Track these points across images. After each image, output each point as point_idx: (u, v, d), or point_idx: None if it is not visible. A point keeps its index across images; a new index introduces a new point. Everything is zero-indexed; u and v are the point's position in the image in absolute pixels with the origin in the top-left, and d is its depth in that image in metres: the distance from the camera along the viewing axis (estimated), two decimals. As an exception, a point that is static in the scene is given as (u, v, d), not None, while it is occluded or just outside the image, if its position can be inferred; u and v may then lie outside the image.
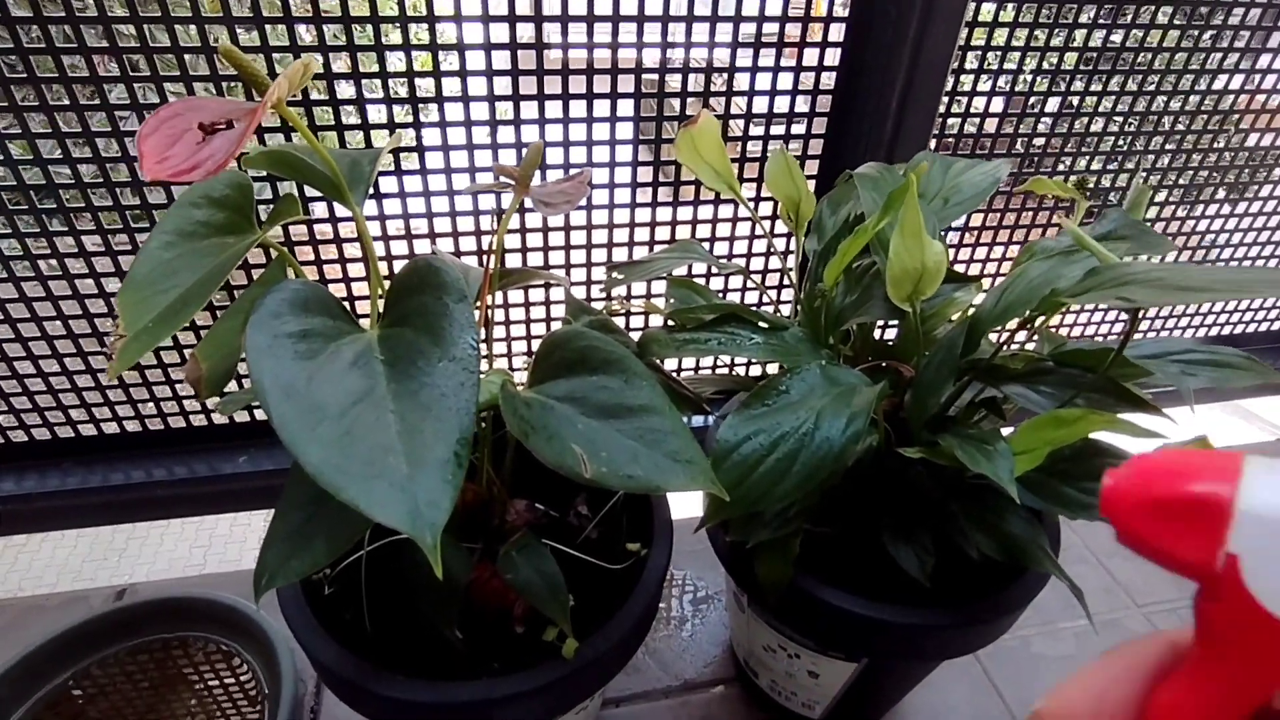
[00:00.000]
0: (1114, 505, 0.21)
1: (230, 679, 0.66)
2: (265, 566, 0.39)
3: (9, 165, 0.57)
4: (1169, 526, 0.20)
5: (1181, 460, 0.21)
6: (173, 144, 0.33)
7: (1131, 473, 0.22)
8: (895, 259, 0.42)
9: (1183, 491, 0.20)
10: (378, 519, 0.27)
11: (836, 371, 0.45)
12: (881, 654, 0.51)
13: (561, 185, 0.43)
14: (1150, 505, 0.21)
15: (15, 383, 0.68)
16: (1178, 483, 0.20)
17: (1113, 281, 0.37)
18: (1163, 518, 0.20)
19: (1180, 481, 0.20)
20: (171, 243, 0.37)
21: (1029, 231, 0.84)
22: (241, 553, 2.70)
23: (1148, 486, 0.21)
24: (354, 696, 0.44)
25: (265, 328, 0.32)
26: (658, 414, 0.39)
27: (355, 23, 0.56)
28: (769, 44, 0.64)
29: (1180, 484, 0.20)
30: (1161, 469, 0.21)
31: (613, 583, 0.51)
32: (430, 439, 0.30)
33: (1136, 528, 0.21)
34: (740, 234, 0.76)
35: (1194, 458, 0.21)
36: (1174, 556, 0.20)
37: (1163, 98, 0.76)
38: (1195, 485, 0.20)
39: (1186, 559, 0.20)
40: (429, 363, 0.32)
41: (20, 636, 0.71)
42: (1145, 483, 0.21)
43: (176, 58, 0.55)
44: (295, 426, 0.29)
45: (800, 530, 0.48)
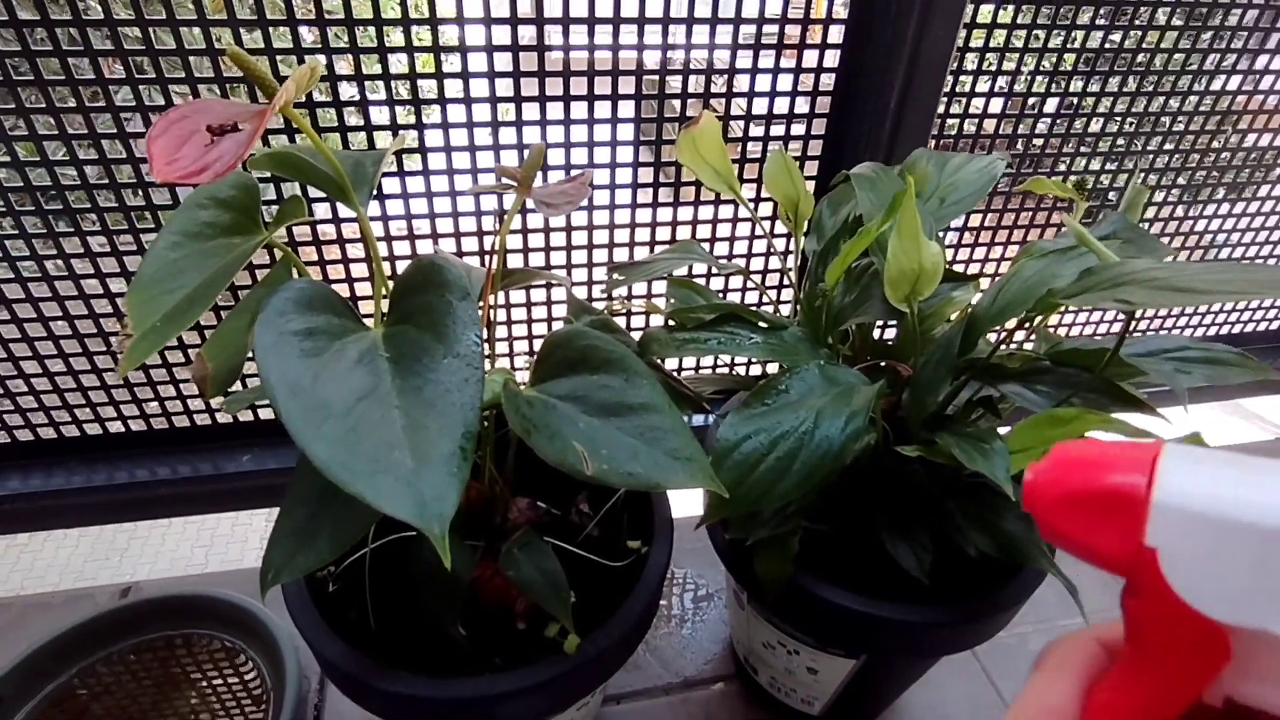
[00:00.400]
0: (1034, 499, 0.21)
1: (234, 676, 0.67)
2: (271, 563, 0.40)
3: (16, 167, 0.58)
4: (1087, 520, 0.20)
5: (1099, 452, 0.20)
6: (181, 146, 0.33)
7: (1050, 465, 0.21)
8: (893, 260, 0.42)
9: (1098, 485, 0.19)
10: (386, 511, 0.28)
11: (835, 371, 0.46)
12: (880, 650, 0.52)
13: (563, 186, 0.44)
14: (1068, 499, 0.20)
15: (21, 382, 0.68)
16: (1094, 475, 0.20)
17: (1109, 282, 0.38)
18: (1080, 512, 0.20)
19: (1096, 474, 0.20)
20: (178, 243, 0.38)
21: (1028, 232, 0.84)
22: (243, 552, 2.71)
23: (1065, 480, 0.20)
24: (358, 692, 0.45)
25: (272, 326, 0.33)
26: (658, 412, 0.39)
27: (358, 25, 0.57)
28: (769, 45, 0.64)
29: (1096, 477, 0.19)
30: (1079, 461, 0.20)
31: (614, 580, 0.51)
32: (435, 435, 0.31)
33: (1055, 522, 0.20)
34: (740, 234, 0.76)
35: (1111, 449, 0.20)
36: (1093, 551, 0.20)
37: (1161, 97, 0.77)
38: (1110, 478, 0.19)
39: (1105, 553, 0.19)
40: (433, 360, 0.33)
41: (25, 634, 0.71)
42: (1062, 476, 0.20)
43: (181, 60, 0.56)
44: (303, 423, 0.30)
45: (799, 528, 0.48)
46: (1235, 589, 0.17)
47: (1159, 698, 0.19)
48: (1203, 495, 0.18)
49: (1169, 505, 0.18)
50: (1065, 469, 0.20)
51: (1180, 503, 0.18)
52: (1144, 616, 0.19)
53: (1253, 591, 0.17)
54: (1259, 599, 0.17)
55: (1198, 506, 0.17)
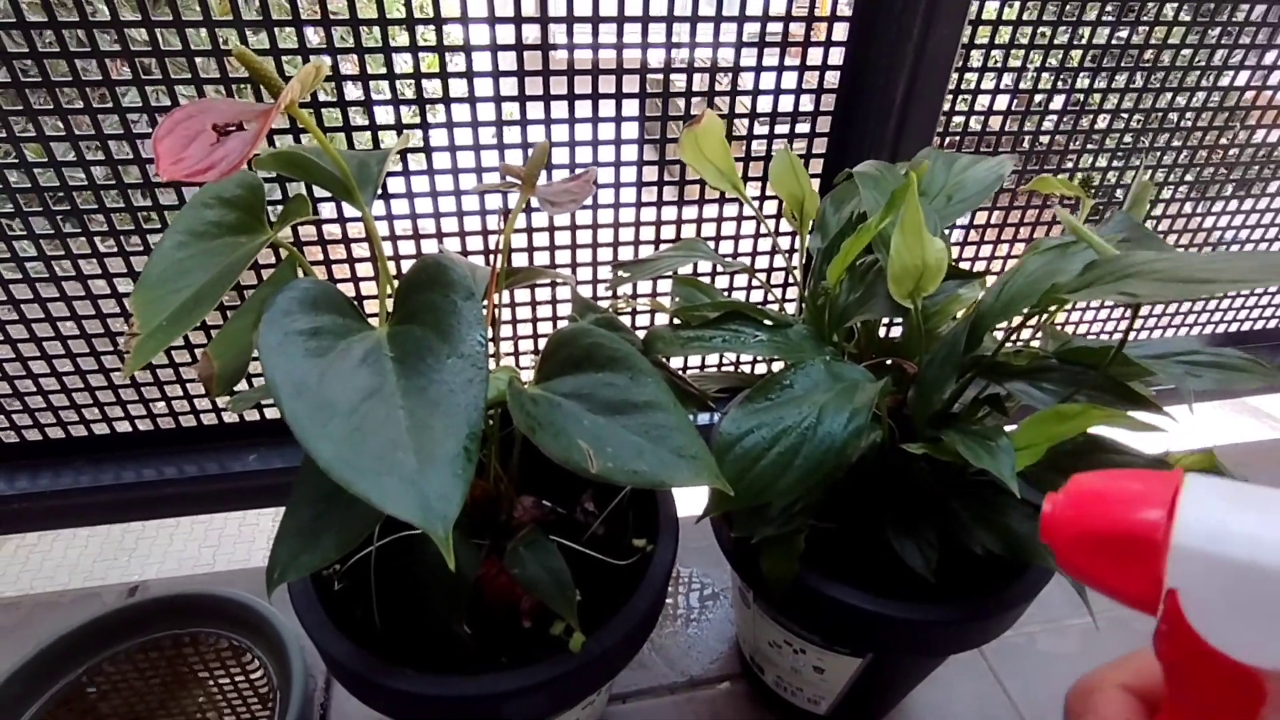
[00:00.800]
0: (1051, 535, 0.20)
1: (241, 675, 0.67)
2: (277, 561, 0.40)
3: (25, 168, 0.58)
4: (1107, 560, 0.19)
5: (1117, 486, 0.20)
6: (187, 145, 0.33)
7: (1068, 500, 0.20)
8: (896, 256, 0.42)
9: (1117, 524, 0.19)
10: (390, 512, 0.28)
11: (840, 367, 0.46)
12: (887, 649, 0.52)
13: (567, 184, 0.44)
14: (1086, 538, 0.20)
15: (30, 382, 0.69)
16: (1112, 514, 0.19)
17: (1112, 275, 0.38)
18: (1100, 551, 0.19)
19: (1115, 512, 0.19)
20: (184, 242, 0.38)
21: (1034, 230, 0.84)
22: (250, 552, 2.72)
23: (1083, 518, 0.20)
24: (364, 691, 0.45)
25: (277, 325, 0.33)
26: (663, 410, 0.39)
27: (363, 25, 0.57)
28: (773, 43, 0.64)
29: (1115, 515, 0.19)
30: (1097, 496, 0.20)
31: (619, 579, 0.51)
32: (440, 434, 0.31)
33: (1074, 560, 0.20)
34: (745, 233, 0.76)
35: (1130, 482, 0.20)
36: (1115, 590, 0.19)
37: (1169, 94, 0.76)
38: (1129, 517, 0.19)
39: (1127, 593, 0.19)
40: (438, 359, 0.33)
41: (33, 633, 0.72)
42: (1081, 513, 0.20)
43: (187, 61, 0.56)
44: (307, 422, 0.30)
45: (805, 526, 0.48)
46: (1259, 632, 0.17)
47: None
48: (1224, 536, 0.17)
49: (1189, 548, 0.17)
50: (1083, 505, 0.20)
51: (1201, 545, 0.17)
52: (1174, 657, 0.19)
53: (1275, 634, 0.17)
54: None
55: (1218, 549, 0.17)
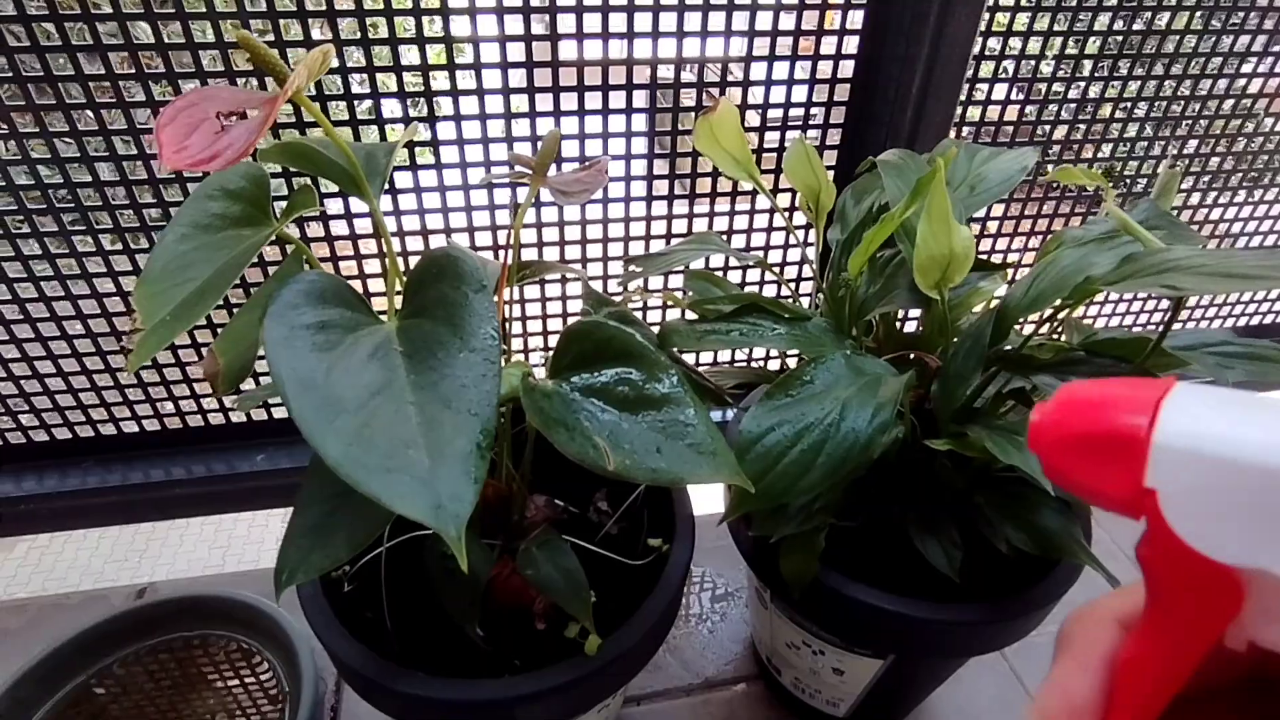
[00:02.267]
0: (1038, 440, 0.20)
1: (250, 678, 0.66)
2: (286, 562, 0.39)
3: (27, 163, 0.58)
4: (1090, 462, 0.19)
5: (1105, 392, 0.20)
6: (190, 133, 0.32)
7: (1055, 407, 0.20)
8: (922, 245, 0.41)
9: (1101, 425, 0.19)
10: (400, 512, 0.27)
11: (861, 361, 0.44)
12: (910, 651, 0.50)
13: (579, 174, 0.42)
14: (1072, 440, 0.20)
15: (36, 382, 0.68)
16: (1097, 416, 0.19)
17: (1153, 269, 0.36)
18: (1084, 453, 0.19)
19: (1100, 415, 0.19)
20: (187, 235, 0.37)
21: (1051, 222, 0.82)
22: (259, 553, 2.72)
23: (1069, 421, 0.20)
24: (376, 694, 0.44)
25: (283, 319, 0.32)
26: (680, 405, 0.38)
27: (369, 16, 0.56)
28: (786, 33, 0.63)
29: (1099, 417, 0.19)
30: (1084, 402, 0.20)
31: (633, 579, 0.50)
32: (451, 431, 0.30)
33: (1059, 464, 0.20)
34: (758, 226, 0.75)
35: (1119, 388, 0.20)
36: (1097, 493, 0.19)
37: (1188, 82, 0.74)
38: (1113, 418, 0.19)
39: (1109, 495, 0.19)
40: (449, 354, 0.32)
41: (42, 635, 0.71)
42: (1067, 417, 0.20)
43: (191, 54, 0.55)
44: (314, 419, 0.29)
45: (825, 525, 0.47)
46: (1236, 530, 0.17)
47: (1179, 648, 0.19)
48: (1204, 435, 0.17)
49: (1169, 446, 0.17)
50: (1070, 410, 0.20)
51: (1180, 443, 0.17)
52: (1153, 562, 0.19)
53: (1253, 533, 0.16)
54: (1260, 540, 0.16)
55: (1198, 446, 0.17)
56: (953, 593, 0.46)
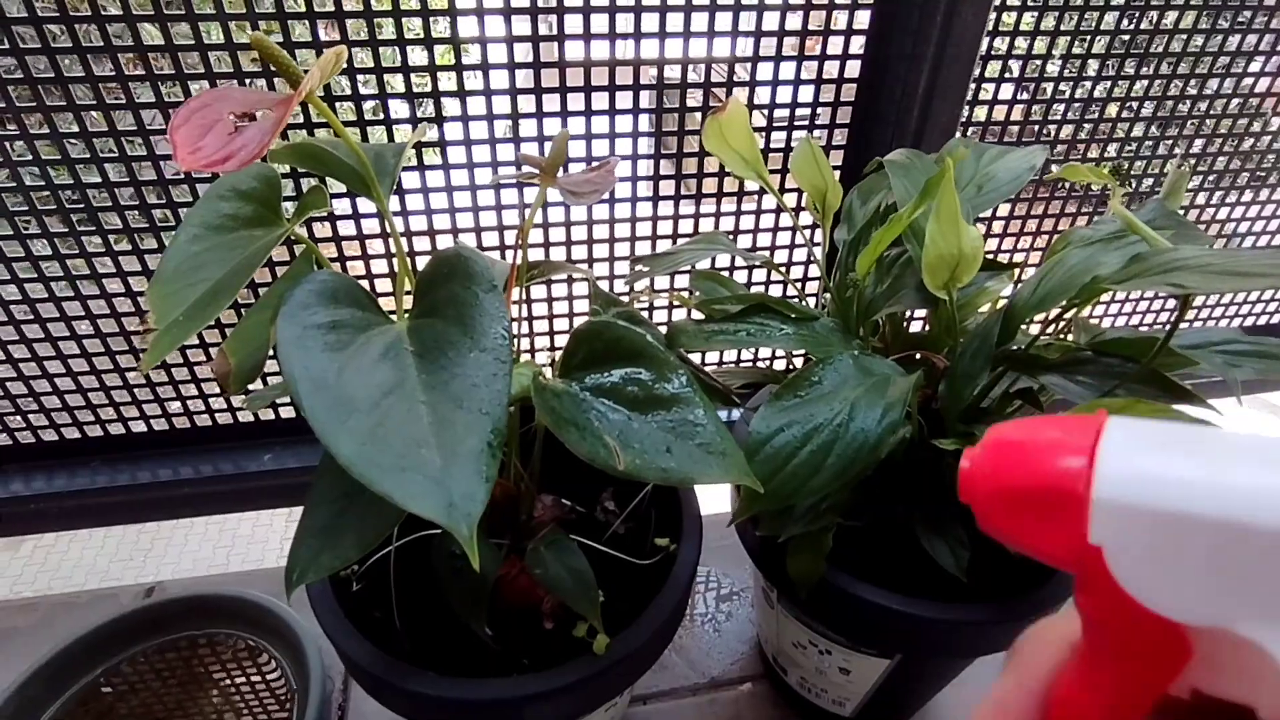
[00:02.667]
0: (970, 492, 0.19)
1: (258, 677, 0.67)
2: (296, 562, 0.39)
3: (38, 165, 0.58)
4: (1026, 517, 0.18)
5: (1036, 435, 0.18)
6: (204, 134, 0.32)
7: (984, 453, 0.19)
8: (931, 245, 0.41)
9: (1034, 479, 0.17)
10: (412, 510, 0.27)
11: (869, 361, 0.44)
12: (918, 651, 0.51)
13: (588, 175, 0.43)
14: (1005, 494, 0.18)
15: (46, 382, 0.68)
16: (1029, 467, 0.17)
17: (1160, 268, 0.36)
18: (1018, 508, 0.18)
19: (1031, 465, 0.17)
20: (199, 236, 0.37)
21: (1057, 222, 0.82)
22: (263, 553, 2.73)
23: (1001, 471, 0.18)
24: (385, 693, 0.44)
25: (295, 319, 0.32)
26: (690, 405, 0.38)
27: (377, 17, 0.56)
28: (792, 33, 0.63)
29: (1031, 469, 0.17)
30: (1014, 447, 0.18)
31: (640, 579, 0.50)
32: (463, 430, 0.30)
33: (992, 518, 0.19)
34: (763, 226, 0.75)
35: (1049, 430, 0.18)
36: (1036, 549, 0.18)
37: (1195, 82, 0.74)
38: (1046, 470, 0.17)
39: (1048, 552, 0.18)
40: (459, 353, 0.32)
41: (51, 634, 0.71)
42: (999, 466, 0.18)
43: (201, 55, 0.56)
44: (327, 419, 0.29)
45: (833, 524, 0.47)
46: (1189, 587, 0.16)
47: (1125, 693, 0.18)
48: (1148, 485, 0.16)
49: (1110, 501, 0.16)
50: (1001, 458, 0.18)
51: (1123, 497, 0.16)
52: (1098, 615, 0.17)
53: (1208, 589, 0.15)
54: (1215, 596, 0.15)
55: (1143, 500, 0.16)
56: (957, 593, 0.46)
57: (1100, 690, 0.18)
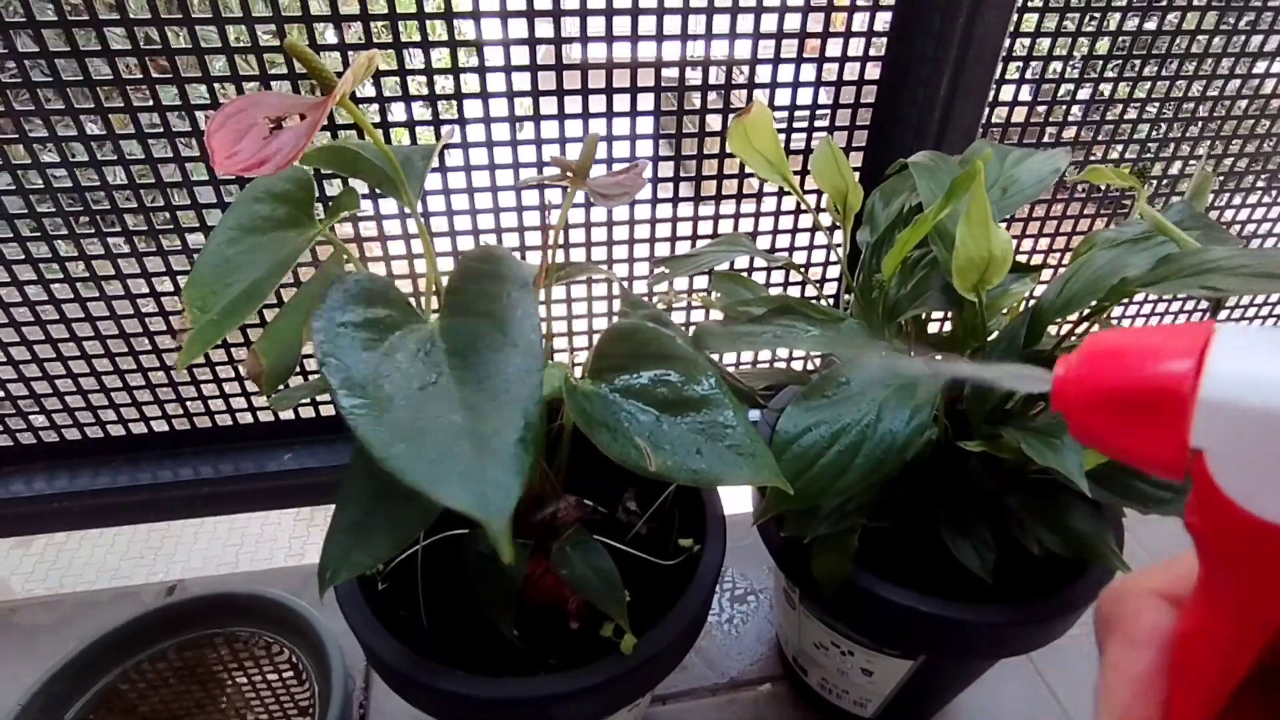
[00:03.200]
0: (1063, 397, 0.18)
1: (279, 675, 0.67)
2: (329, 560, 0.39)
3: (66, 166, 0.58)
4: (1125, 421, 0.17)
5: (1138, 341, 0.17)
6: (240, 139, 0.33)
7: (1083, 359, 0.18)
8: (961, 248, 0.41)
9: (1136, 380, 0.17)
10: (447, 504, 0.27)
11: (896, 362, 0.44)
12: (942, 652, 0.50)
13: (618, 177, 0.43)
14: (1102, 397, 0.17)
15: (70, 381, 0.69)
16: (1132, 369, 0.17)
17: (1192, 269, 0.36)
18: (1117, 411, 0.17)
19: (1135, 367, 0.17)
20: (234, 238, 0.38)
21: (1076, 224, 0.82)
22: (272, 551, 2.74)
23: (1098, 375, 0.18)
24: (412, 691, 0.44)
25: (331, 318, 0.32)
26: (720, 407, 0.38)
27: (401, 20, 0.56)
28: (814, 35, 0.63)
29: (1134, 370, 0.17)
30: (1116, 352, 0.18)
31: (662, 579, 0.50)
32: (497, 426, 0.30)
33: (1088, 424, 0.18)
34: (783, 227, 0.75)
35: (1154, 336, 0.17)
36: (1134, 455, 0.17)
37: (1219, 83, 0.74)
38: (1150, 371, 0.16)
39: (1147, 457, 0.17)
40: (493, 351, 0.32)
41: (74, 631, 0.72)
42: (1096, 371, 0.18)
43: (227, 58, 0.56)
44: (363, 416, 0.29)
45: (858, 525, 0.47)
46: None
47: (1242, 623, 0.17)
48: (1257, 385, 0.15)
49: (1217, 400, 0.15)
50: (1099, 363, 0.18)
51: (1230, 396, 0.15)
52: (1205, 531, 0.17)
53: None
54: None
55: (1251, 399, 0.15)
56: (979, 595, 0.46)
57: (1218, 616, 0.17)
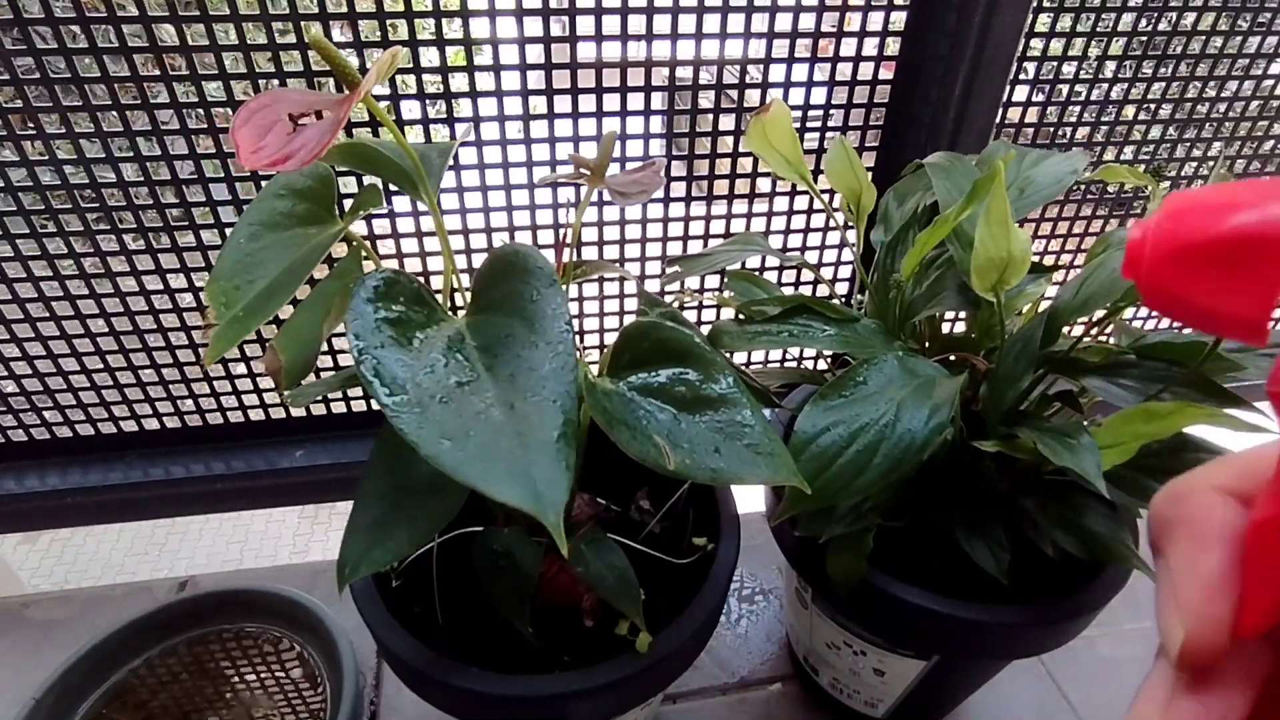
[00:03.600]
0: (1138, 259, 0.17)
1: (290, 671, 0.67)
2: (348, 557, 0.40)
3: (82, 164, 0.59)
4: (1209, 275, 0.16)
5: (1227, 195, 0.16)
6: (264, 134, 0.33)
7: (1163, 218, 0.17)
8: (980, 248, 0.41)
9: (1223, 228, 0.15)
10: (500, 499, 0.27)
11: (913, 362, 0.44)
12: (956, 653, 0.50)
13: (636, 175, 0.43)
14: (1186, 251, 0.16)
15: (84, 377, 0.69)
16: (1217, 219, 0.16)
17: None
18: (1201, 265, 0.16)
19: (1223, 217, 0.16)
20: (256, 234, 0.38)
21: (1089, 224, 0.82)
22: (276, 548, 2.74)
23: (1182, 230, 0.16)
24: (427, 688, 0.44)
25: (365, 314, 0.32)
26: (738, 406, 0.38)
27: (418, 17, 0.57)
28: (828, 34, 0.63)
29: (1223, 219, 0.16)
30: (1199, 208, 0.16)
31: (676, 578, 0.50)
32: (538, 420, 0.29)
33: (1167, 282, 0.17)
34: (794, 227, 0.75)
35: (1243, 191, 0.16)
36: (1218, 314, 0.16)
37: (1234, 83, 0.74)
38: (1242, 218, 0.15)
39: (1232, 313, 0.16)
40: (525, 348, 0.32)
41: (89, 625, 0.72)
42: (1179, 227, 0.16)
43: (243, 55, 0.56)
44: (408, 414, 0.29)
45: (874, 525, 0.47)
46: None
47: None
48: None
49: None
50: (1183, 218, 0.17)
51: None
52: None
53: None
54: None
55: None
56: (996, 595, 0.46)
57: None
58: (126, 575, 2.60)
